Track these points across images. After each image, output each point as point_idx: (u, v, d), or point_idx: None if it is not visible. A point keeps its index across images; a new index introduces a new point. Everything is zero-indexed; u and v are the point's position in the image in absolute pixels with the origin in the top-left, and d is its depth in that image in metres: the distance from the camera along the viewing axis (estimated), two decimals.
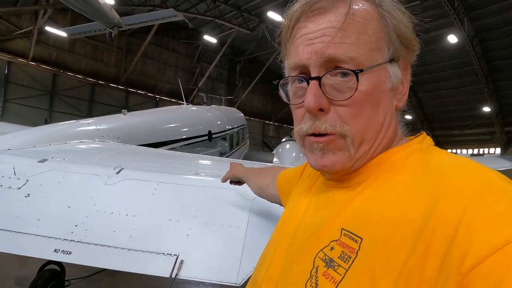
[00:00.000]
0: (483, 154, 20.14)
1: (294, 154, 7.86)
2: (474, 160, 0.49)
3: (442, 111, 21.45)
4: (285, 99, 0.61)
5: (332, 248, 0.51)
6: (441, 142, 22.61)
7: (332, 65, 0.53)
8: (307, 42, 0.54)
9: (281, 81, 0.61)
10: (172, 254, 1.44)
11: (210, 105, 8.72)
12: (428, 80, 19.44)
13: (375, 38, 0.53)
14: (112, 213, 1.64)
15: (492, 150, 20.71)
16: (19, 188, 1.68)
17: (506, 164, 4.90)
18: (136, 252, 1.46)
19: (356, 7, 0.53)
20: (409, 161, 0.54)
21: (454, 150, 20.37)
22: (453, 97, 20.04)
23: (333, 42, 0.51)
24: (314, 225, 0.57)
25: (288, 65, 0.58)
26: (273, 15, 14.77)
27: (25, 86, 13.89)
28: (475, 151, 21.51)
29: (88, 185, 1.80)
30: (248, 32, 16.99)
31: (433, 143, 0.59)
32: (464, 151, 21.56)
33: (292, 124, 0.62)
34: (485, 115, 19.73)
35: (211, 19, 16.21)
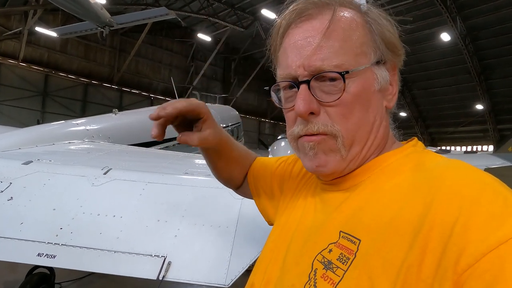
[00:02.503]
0: (476, 151, 20.35)
1: (289, 152, 7.84)
2: (467, 161, 0.50)
3: (436, 108, 21.61)
4: (277, 104, 0.63)
5: (330, 251, 0.51)
6: (436, 139, 22.80)
7: (319, 73, 0.55)
8: (295, 53, 0.55)
9: (273, 87, 0.63)
10: (160, 256, 1.41)
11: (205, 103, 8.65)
12: (422, 77, 19.57)
13: (359, 43, 0.55)
14: (98, 214, 1.60)
15: (485, 147, 20.92)
16: (2, 191, 1.64)
17: (498, 162, 4.94)
18: (123, 254, 1.43)
19: (341, 14, 0.55)
20: (405, 164, 0.55)
21: (448, 147, 20.54)
22: (447, 94, 20.20)
23: (317, 52, 0.53)
24: (312, 228, 0.58)
25: (280, 75, 0.60)
26: (267, 13, 14.75)
27: (16, 87, 13.68)
28: (468, 148, 21.72)
29: (74, 187, 1.76)
30: (242, 30, 16.93)
31: (425, 147, 0.60)
32: (458, 148, 21.76)
33: None
34: (478, 112, 19.92)
35: (204, 17, 16.12)
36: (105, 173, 1.84)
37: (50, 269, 2.60)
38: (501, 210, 0.40)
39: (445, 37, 16.14)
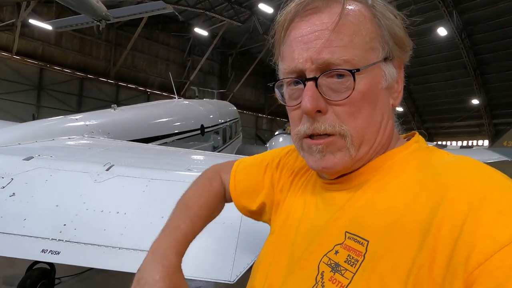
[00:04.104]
0: (472, 146, 20.53)
1: None
2: (473, 158, 0.49)
3: (433, 103, 21.74)
4: (281, 101, 0.60)
5: (337, 252, 0.50)
6: (432, 134, 22.96)
7: (327, 68, 0.52)
8: (302, 47, 0.53)
9: (277, 83, 0.60)
10: None
11: (202, 99, 8.64)
12: (418, 72, 19.62)
13: (369, 38, 0.53)
14: (102, 211, 1.60)
15: (480, 142, 21.13)
16: (3, 187, 1.63)
17: (494, 156, 5.00)
18: (127, 251, 1.43)
19: (349, 7, 0.53)
20: (410, 161, 0.54)
21: (444, 142, 20.71)
22: (443, 89, 20.31)
23: (327, 46, 0.51)
24: (315, 229, 0.56)
25: (284, 69, 0.57)
26: (264, 7, 14.65)
27: (10, 81, 13.48)
28: (464, 143, 21.92)
29: (77, 183, 1.75)
30: (239, 24, 16.81)
31: (426, 143, 0.60)
32: (454, 143, 21.96)
33: (285, 116, 0.62)
34: (474, 107, 20.08)
35: (201, 11, 15.97)
36: (107, 169, 1.83)
37: (51, 264, 2.59)
38: (511, 206, 0.39)
39: (441, 31, 16.16)
